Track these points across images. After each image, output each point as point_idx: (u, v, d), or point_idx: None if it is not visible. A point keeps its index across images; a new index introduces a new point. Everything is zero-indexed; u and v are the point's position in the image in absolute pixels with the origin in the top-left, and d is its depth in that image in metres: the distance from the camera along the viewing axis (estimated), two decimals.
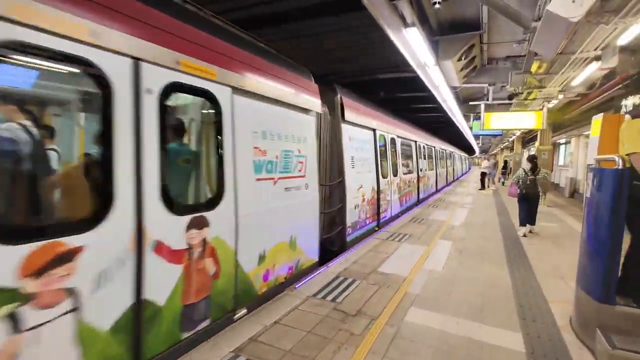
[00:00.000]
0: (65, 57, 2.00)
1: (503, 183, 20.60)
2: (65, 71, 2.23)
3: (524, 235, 7.00)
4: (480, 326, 3.24)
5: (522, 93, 10.14)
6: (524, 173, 7.09)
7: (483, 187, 17.23)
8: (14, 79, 2.20)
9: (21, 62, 1.94)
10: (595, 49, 6.19)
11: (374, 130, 7.40)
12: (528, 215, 7.10)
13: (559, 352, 2.84)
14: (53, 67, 2.12)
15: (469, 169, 46.99)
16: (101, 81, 2.16)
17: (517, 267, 5.00)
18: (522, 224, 7.18)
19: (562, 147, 18.18)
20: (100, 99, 2.19)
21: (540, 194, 7.20)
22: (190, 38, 2.79)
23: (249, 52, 3.55)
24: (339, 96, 5.82)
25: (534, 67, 7.84)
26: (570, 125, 14.38)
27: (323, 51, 9.63)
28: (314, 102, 4.76)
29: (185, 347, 2.73)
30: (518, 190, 7.12)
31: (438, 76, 7.90)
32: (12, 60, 1.86)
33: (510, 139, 27.79)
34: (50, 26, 1.88)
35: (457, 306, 3.66)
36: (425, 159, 13.46)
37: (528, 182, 6.96)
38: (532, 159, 7.28)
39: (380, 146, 7.76)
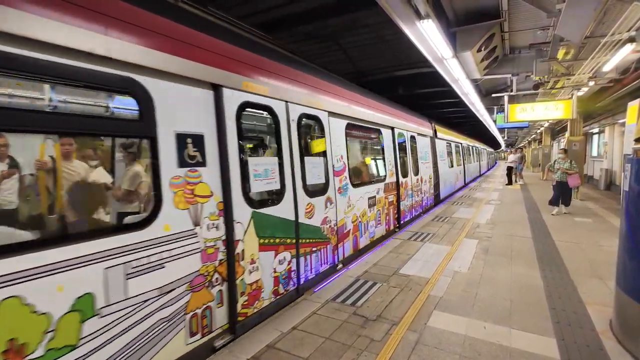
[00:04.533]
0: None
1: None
2: None
3: (564, 213, 8.54)
4: (509, 331, 3.04)
5: (549, 82, 9.62)
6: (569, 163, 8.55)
7: (510, 182, 16.52)
8: None
9: None
10: (629, 30, 5.75)
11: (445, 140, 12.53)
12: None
13: None
14: None
15: (495, 163, 46.20)
16: None
17: (549, 266, 4.70)
18: (556, 204, 8.59)
19: (595, 137, 17.20)
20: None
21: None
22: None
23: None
24: (433, 124, 10.92)
25: (560, 54, 7.42)
26: (603, 113, 13.56)
27: (337, 51, 9.56)
28: (430, 132, 10.54)
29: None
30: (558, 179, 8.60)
31: (457, 69, 7.63)
32: None
33: (538, 131, 26.56)
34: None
35: (484, 309, 3.46)
36: (470, 155, 19.35)
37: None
38: (565, 152, 9.00)
39: (448, 150, 13.02)
